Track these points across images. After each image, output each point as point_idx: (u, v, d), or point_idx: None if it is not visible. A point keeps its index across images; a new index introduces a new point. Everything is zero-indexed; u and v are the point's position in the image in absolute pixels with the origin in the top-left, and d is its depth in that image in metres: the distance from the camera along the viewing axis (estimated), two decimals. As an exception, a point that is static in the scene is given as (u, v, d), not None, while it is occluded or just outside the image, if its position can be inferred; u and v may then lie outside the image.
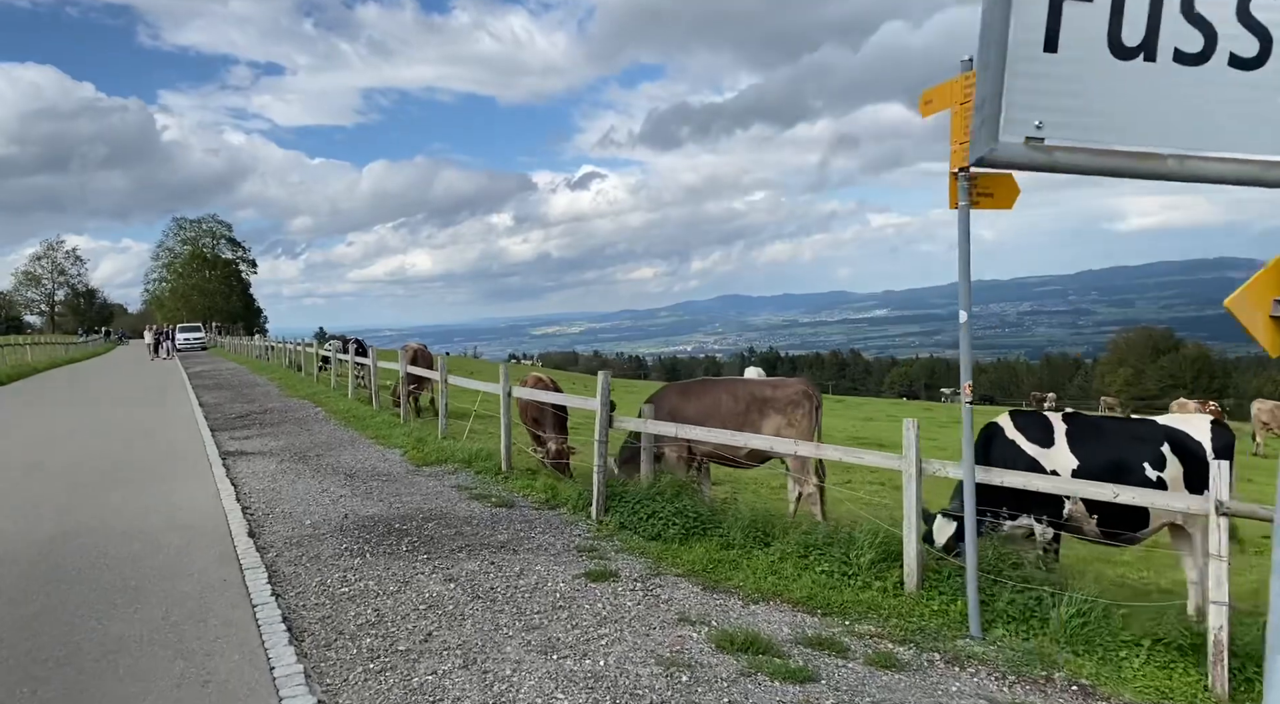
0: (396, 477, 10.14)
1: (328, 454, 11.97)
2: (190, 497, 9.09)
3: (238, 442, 13.48)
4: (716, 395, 9.40)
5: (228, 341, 62.08)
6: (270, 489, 9.53)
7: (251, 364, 38.89)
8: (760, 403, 9.16)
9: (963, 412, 5.57)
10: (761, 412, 9.14)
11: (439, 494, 9.06)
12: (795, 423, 9.06)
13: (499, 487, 9.39)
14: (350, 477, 10.19)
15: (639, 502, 7.60)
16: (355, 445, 12.79)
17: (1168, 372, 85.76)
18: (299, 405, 19.27)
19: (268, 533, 7.54)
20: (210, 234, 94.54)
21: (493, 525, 7.70)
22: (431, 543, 7.14)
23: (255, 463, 11.35)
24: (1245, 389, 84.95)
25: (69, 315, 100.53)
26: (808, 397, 9.15)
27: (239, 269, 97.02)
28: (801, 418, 9.07)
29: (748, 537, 6.88)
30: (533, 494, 8.85)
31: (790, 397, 9.12)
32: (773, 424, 9.07)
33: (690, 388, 9.73)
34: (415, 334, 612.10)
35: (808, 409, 9.11)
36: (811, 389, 9.26)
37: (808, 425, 9.08)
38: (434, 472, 10.42)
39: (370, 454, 11.88)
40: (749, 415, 9.16)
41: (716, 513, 7.33)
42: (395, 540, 7.22)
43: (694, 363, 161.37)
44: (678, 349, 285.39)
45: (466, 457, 10.76)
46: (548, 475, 9.69)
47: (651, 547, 6.99)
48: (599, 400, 7.93)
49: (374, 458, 11.55)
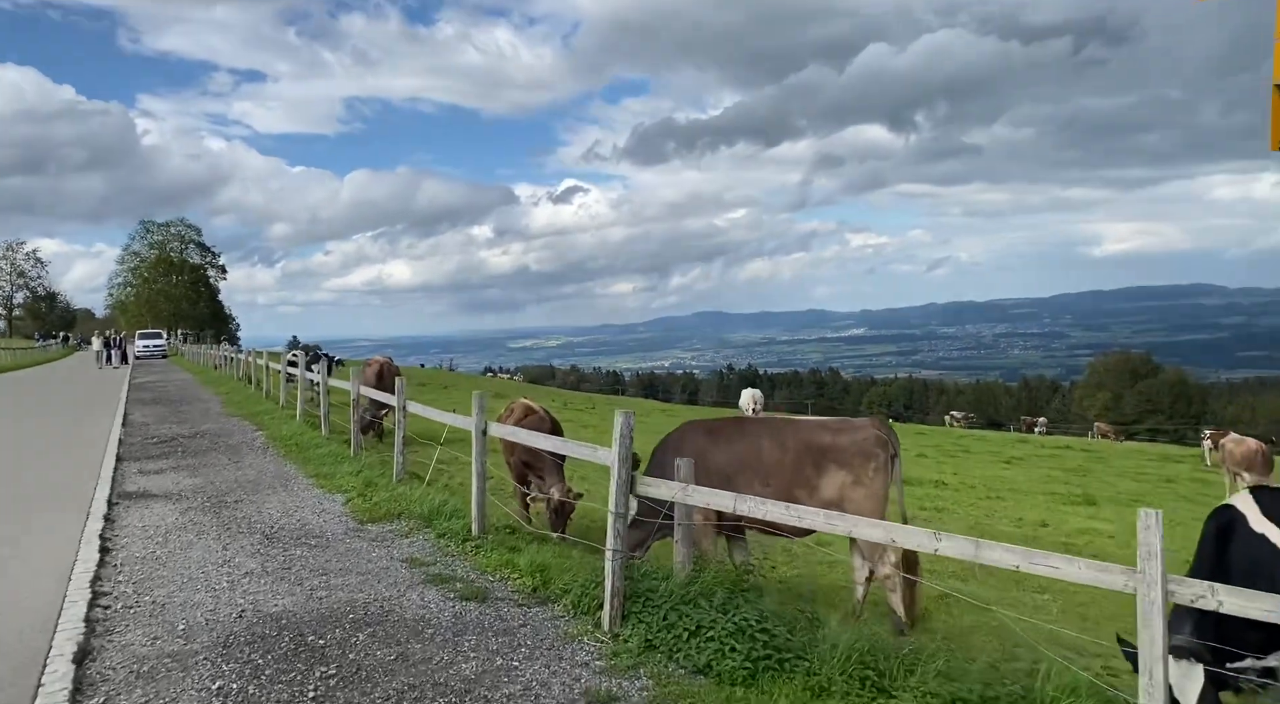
0: (330, 539, 7.57)
1: (250, 500, 9.36)
2: (25, 568, 6.47)
3: (144, 477, 10.81)
4: (755, 440, 6.97)
5: (190, 350, 58.72)
6: (152, 558, 6.93)
7: (205, 375, 35.98)
8: (817, 453, 6.74)
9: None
10: (819, 465, 6.72)
11: (384, 573, 6.50)
12: (865, 481, 6.64)
13: (467, 561, 6.83)
14: (269, 538, 7.60)
15: (674, 607, 5.11)
16: (289, 487, 10.17)
17: (1145, 396, 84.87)
18: (238, 428, 16.58)
19: (111, 650, 4.95)
20: (179, 238, 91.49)
21: (456, 640, 5.16)
22: (360, 677, 4.60)
23: (152, 511, 8.72)
24: (1222, 415, 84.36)
25: (28, 319, 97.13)
26: (882, 444, 6.73)
27: (208, 274, 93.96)
28: (874, 475, 6.65)
29: (849, 676, 4.43)
30: (515, 578, 6.30)
31: (859, 445, 6.71)
32: (835, 482, 6.66)
33: (720, 429, 7.26)
34: (391, 345, 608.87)
35: (882, 461, 6.70)
36: (886, 433, 6.85)
37: (882, 485, 6.67)
38: (381, 532, 7.84)
39: (304, 501, 9.28)
40: (800, 470, 6.75)
41: (796, 629, 4.86)
42: (305, 670, 4.68)
43: (672, 379, 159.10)
44: (655, 364, 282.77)
45: (427, 510, 8.18)
46: (533, 543, 7.18)
47: (700, 687, 4.51)
48: (615, 453, 5.42)
49: (308, 507, 8.95)
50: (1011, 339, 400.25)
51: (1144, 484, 21.37)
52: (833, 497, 6.68)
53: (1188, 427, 75.22)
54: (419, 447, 14.37)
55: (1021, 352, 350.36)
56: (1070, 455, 29.78)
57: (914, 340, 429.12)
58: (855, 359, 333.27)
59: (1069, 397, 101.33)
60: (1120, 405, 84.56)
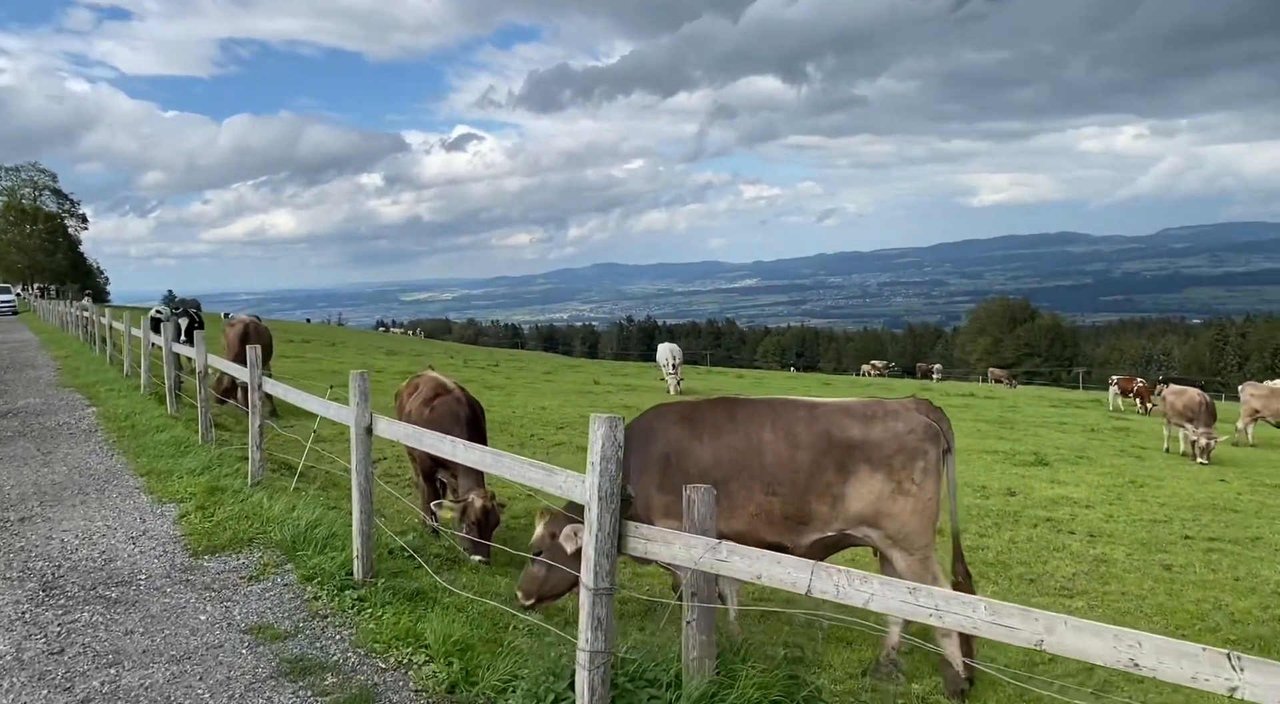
0: (143, 589, 5.20)
1: (44, 516, 6.82)
2: None
3: (-97, 484, 8.03)
4: (753, 431, 5.01)
5: (45, 306, 52.33)
6: None
7: (52, 335, 31.60)
8: (842, 449, 4.85)
9: None
10: (844, 466, 4.84)
11: (212, 654, 4.26)
12: (911, 488, 4.82)
13: (346, 630, 4.62)
14: (49, 588, 5.19)
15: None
16: (105, 493, 7.62)
17: (1024, 341, 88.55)
18: (65, 403, 13.56)
19: None
20: (31, 184, 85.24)
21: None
22: None
23: (-113, 544, 6.11)
24: (1092, 356, 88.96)
25: None
26: (933, 437, 4.90)
27: (65, 224, 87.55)
28: (923, 479, 4.83)
29: None
30: (420, 664, 4.13)
31: (901, 439, 4.85)
32: (868, 491, 4.83)
33: (702, 415, 5.24)
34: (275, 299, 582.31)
35: (933, 460, 4.88)
36: (937, 418, 5.02)
37: (933, 492, 4.86)
38: (221, 571, 5.52)
39: (120, 517, 6.80)
40: (819, 473, 4.86)
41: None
42: None
43: (571, 331, 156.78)
44: (554, 317, 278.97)
45: (290, 535, 5.87)
46: (444, 593, 5.06)
47: None
48: (593, 485, 3.29)
49: (122, 528, 6.49)
50: (895, 288, 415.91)
51: (1073, 436, 20.84)
52: (864, 510, 4.83)
53: (1062, 369, 78.84)
54: (294, 420, 11.91)
55: (904, 299, 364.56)
56: (982, 405, 29.42)
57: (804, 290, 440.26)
58: (749, 309, 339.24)
59: (951, 342, 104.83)
60: (1000, 349, 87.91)
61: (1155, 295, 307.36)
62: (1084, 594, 7.35)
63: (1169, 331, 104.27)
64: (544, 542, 4.98)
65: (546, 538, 4.98)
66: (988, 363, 77.61)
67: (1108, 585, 7.71)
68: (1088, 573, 8.10)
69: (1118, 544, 9.28)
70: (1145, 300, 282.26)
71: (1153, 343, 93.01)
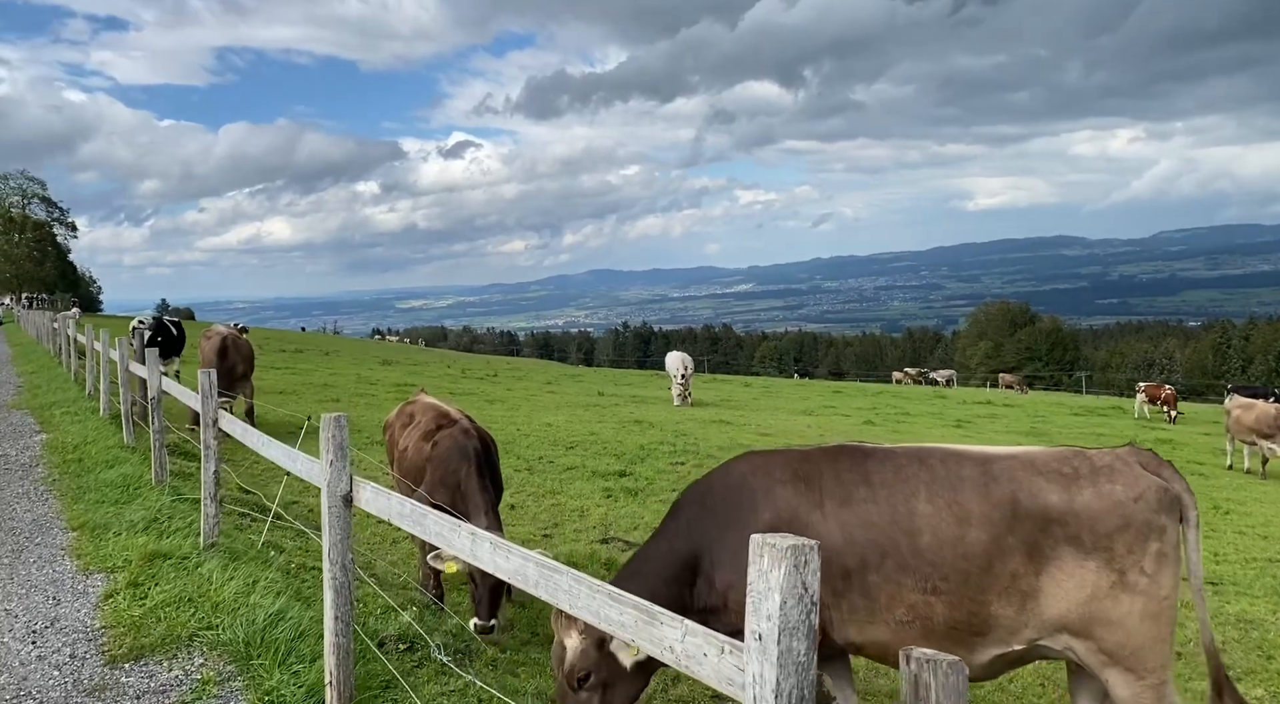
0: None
1: (-69, 594, 5.24)
2: None
3: None
4: (902, 497, 3.45)
5: (27, 317, 50.39)
6: None
7: (26, 347, 29.97)
8: (1037, 523, 3.31)
9: None
10: (1038, 550, 3.31)
11: None
12: (1138, 582, 3.26)
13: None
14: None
15: None
16: (22, 554, 6.02)
17: (1025, 344, 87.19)
18: (13, 427, 11.98)
19: None
20: (19, 192, 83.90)
21: None
22: None
23: None
24: (1093, 360, 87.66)
25: None
26: (1169, 506, 3.35)
27: (54, 233, 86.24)
28: (1156, 566, 3.27)
29: None
30: None
31: (1122, 509, 3.29)
32: (1077, 587, 3.29)
33: (823, 469, 3.65)
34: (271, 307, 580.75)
35: (1171, 539, 3.32)
36: (1169, 474, 3.46)
37: (1171, 584, 3.31)
38: (144, 691, 3.92)
39: (30, 594, 5.21)
40: (1003, 560, 3.33)
41: None
42: None
43: (567, 338, 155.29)
44: (550, 323, 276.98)
45: (241, 635, 4.27)
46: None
47: None
48: (768, 679, 1.77)
49: (26, 613, 4.91)
50: (891, 292, 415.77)
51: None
52: (1068, 614, 3.30)
53: (1064, 373, 77.53)
54: (285, 436, 10.31)
55: (901, 303, 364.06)
56: (1007, 415, 27.94)
57: (800, 294, 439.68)
58: (745, 314, 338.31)
59: (951, 346, 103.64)
60: (1000, 353, 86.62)
61: (1151, 298, 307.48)
62: (1253, 675, 5.82)
63: (1167, 334, 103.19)
64: (589, 658, 3.45)
65: (593, 652, 3.45)
66: (989, 367, 76.41)
67: (1272, 661, 6.18)
68: (1239, 641, 6.57)
69: (1253, 597, 7.74)
70: (1141, 303, 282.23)
71: (1154, 346, 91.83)
